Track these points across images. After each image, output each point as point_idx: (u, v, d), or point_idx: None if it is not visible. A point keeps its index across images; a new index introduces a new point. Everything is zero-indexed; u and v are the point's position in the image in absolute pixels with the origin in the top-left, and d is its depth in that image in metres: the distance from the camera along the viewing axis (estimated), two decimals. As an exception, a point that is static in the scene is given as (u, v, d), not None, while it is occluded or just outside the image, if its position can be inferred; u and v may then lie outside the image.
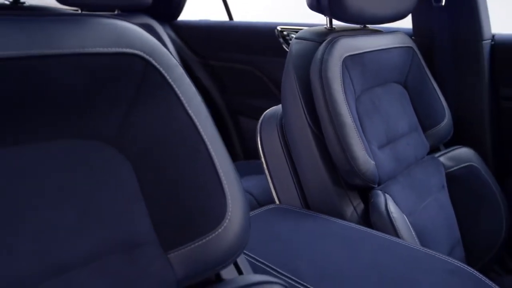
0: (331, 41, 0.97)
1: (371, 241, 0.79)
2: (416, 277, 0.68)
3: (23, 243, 0.45)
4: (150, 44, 0.55)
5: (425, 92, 1.23)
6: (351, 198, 0.96)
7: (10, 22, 0.46)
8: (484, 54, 1.29)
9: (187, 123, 0.57)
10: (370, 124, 1.03)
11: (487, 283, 0.68)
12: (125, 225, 0.52)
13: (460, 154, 1.24)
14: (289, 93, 1.00)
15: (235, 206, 0.57)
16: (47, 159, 0.48)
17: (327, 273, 0.68)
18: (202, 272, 0.56)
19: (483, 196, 1.22)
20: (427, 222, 1.04)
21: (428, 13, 1.33)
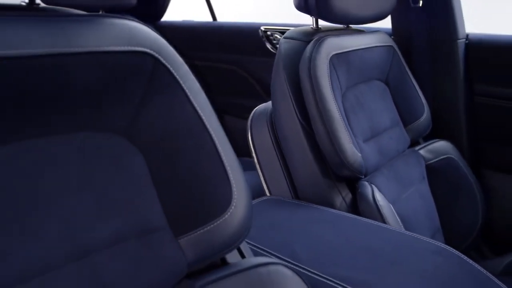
0: (318, 41, 1.02)
1: (361, 226, 0.84)
2: (403, 258, 0.73)
3: (49, 228, 0.48)
4: (159, 43, 0.59)
5: (405, 89, 1.29)
6: (339, 189, 1.02)
7: (33, 22, 0.49)
8: (459, 52, 1.37)
9: (193, 117, 0.60)
10: (356, 119, 1.09)
11: (466, 261, 0.74)
12: (139, 212, 0.56)
13: (439, 147, 1.31)
14: (279, 90, 1.05)
15: (239, 194, 0.61)
16: (67, 150, 0.52)
17: (322, 256, 0.73)
18: (210, 255, 0.60)
19: (460, 187, 1.30)
20: (409, 211, 1.10)
21: (406, 14, 1.40)
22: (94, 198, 0.52)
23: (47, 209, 0.48)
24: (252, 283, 0.60)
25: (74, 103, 0.52)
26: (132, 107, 0.57)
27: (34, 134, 0.50)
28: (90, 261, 0.50)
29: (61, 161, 0.51)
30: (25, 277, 0.45)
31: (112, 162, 0.55)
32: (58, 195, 0.50)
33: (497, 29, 1.41)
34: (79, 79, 0.51)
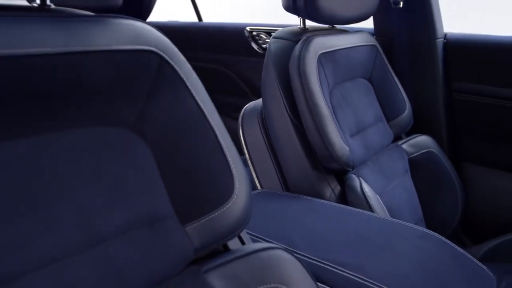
0: (306, 40, 1.07)
1: (351, 215, 0.89)
2: (391, 243, 0.78)
3: (67, 217, 0.51)
4: (164, 42, 0.62)
5: (388, 86, 1.35)
6: (329, 181, 1.07)
7: (47, 23, 0.52)
8: (438, 51, 1.43)
9: (197, 112, 0.64)
10: (342, 115, 1.14)
11: (450, 244, 0.80)
12: (148, 202, 0.59)
13: (420, 141, 1.37)
14: (270, 88, 1.09)
15: (241, 184, 0.65)
16: (80, 144, 0.55)
17: (317, 243, 0.77)
18: (215, 242, 0.64)
19: (441, 179, 1.36)
20: (394, 202, 1.16)
21: (388, 15, 1.46)
22: (106, 188, 0.55)
23: (64, 199, 0.51)
24: (254, 266, 0.64)
25: (86, 99, 0.55)
26: (140, 103, 0.60)
27: (50, 129, 0.52)
28: (104, 248, 0.53)
29: (75, 154, 0.54)
30: (45, 263, 0.48)
31: (122, 155, 0.58)
32: (73, 186, 0.53)
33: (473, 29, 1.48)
34: (91, 76, 0.54)
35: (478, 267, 0.77)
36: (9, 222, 0.46)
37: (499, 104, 1.39)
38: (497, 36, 1.37)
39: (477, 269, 0.76)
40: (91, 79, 0.54)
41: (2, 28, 0.48)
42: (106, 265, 0.53)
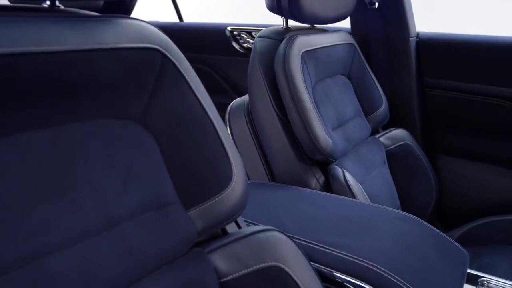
0: (290, 39, 1.13)
1: (336, 202, 0.95)
2: (375, 225, 0.85)
3: (86, 201, 0.55)
4: (165, 41, 0.67)
5: (365, 83, 1.43)
6: (313, 171, 1.13)
7: (63, 22, 0.57)
8: (411, 49, 1.52)
9: (197, 105, 0.69)
10: (324, 110, 1.20)
11: (428, 226, 0.87)
12: (155, 188, 0.64)
13: (396, 134, 1.45)
14: (256, 84, 1.15)
15: (238, 171, 0.70)
16: (93, 134, 0.59)
17: (306, 227, 0.83)
18: (215, 225, 0.69)
19: (416, 170, 1.44)
20: (374, 191, 1.23)
21: (364, 15, 1.54)
22: (118, 176, 0.60)
23: (83, 185, 0.56)
24: (252, 247, 0.69)
25: (99, 94, 0.59)
26: (145, 97, 0.65)
27: (67, 120, 0.57)
28: (119, 230, 0.58)
29: (90, 144, 0.58)
30: (69, 243, 0.52)
31: (130, 146, 0.63)
32: (90, 173, 0.57)
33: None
34: (103, 72, 0.59)
35: (453, 245, 0.84)
36: (37, 205, 0.50)
37: (468, 98, 1.48)
38: (465, 35, 1.47)
39: (452, 246, 0.84)
40: (103, 75, 0.59)
41: (22, 27, 0.52)
42: (121, 246, 0.57)
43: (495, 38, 1.40)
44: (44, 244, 0.50)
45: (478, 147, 1.51)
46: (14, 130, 0.51)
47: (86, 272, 0.53)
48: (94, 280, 0.53)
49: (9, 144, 0.50)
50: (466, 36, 1.45)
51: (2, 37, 0.49)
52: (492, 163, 1.50)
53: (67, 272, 0.51)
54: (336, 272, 0.74)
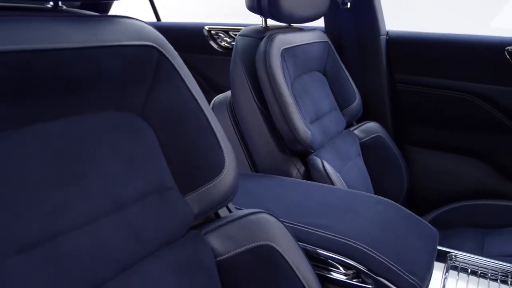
0: (270, 37, 1.19)
1: (317, 188, 1.02)
2: (353, 207, 0.92)
3: (95, 186, 0.60)
4: (161, 39, 0.72)
5: (340, 79, 1.50)
6: (294, 162, 1.20)
7: (69, 21, 0.61)
8: (382, 47, 1.60)
9: (190, 99, 0.74)
10: (302, 104, 1.27)
11: (402, 208, 0.95)
12: (155, 175, 0.69)
13: (369, 127, 1.53)
14: (238, 80, 1.21)
15: (229, 159, 0.76)
16: (98, 125, 0.64)
17: (291, 210, 0.90)
18: (210, 209, 0.74)
19: (388, 160, 1.53)
20: (350, 180, 1.31)
21: (337, 14, 1.62)
22: (123, 163, 0.65)
23: (92, 171, 0.60)
24: (245, 227, 0.75)
25: (103, 88, 0.64)
26: (144, 91, 0.70)
27: (74, 112, 0.61)
28: (125, 213, 0.63)
29: (96, 134, 0.63)
30: (81, 224, 0.57)
31: (132, 136, 0.67)
32: (98, 161, 0.62)
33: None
34: (107, 68, 0.64)
35: (425, 224, 0.92)
36: (52, 190, 0.55)
37: (435, 93, 1.58)
38: (432, 33, 1.56)
39: (424, 226, 0.92)
40: (107, 70, 0.64)
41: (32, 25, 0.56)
42: (127, 227, 0.62)
43: (459, 36, 1.50)
44: (59, 225, 0.55)
45: (445, 138, 1.62)
46: (28, 121, 0.55)
47: (97, 251, 0.57)
48: (104, 258, 0.58)
49: (24, 133, 0.55)
50: (433, 34, 1.55)
51: (14, 35, 0.53)
52: (458, 153, 1.61)
53: (80, 251, 0.56)
54: (320, 250, 0.81)
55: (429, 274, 0.80)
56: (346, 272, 0.80)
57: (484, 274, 0.83)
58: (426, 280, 0.78)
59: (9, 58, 0.51)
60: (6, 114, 0.52)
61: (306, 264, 0.76)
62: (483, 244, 1.27)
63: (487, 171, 1.55)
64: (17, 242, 0.50)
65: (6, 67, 0.51)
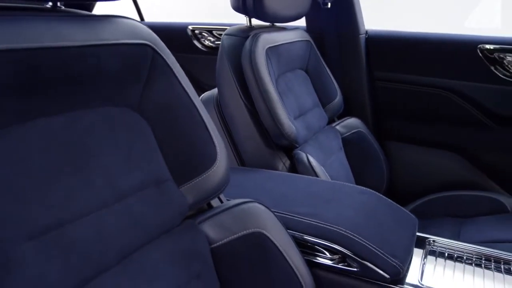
0: (255, 36, 1.24)
1: (303, 181, 1.07)
2: (337, 197, 0.97)
3: (97, 178, 0.63)
4: (154, 38, 0.76)
5: (321, 76, 1.55)
6: (280, 156, 1.24)
7: (70, 21, 0.64)
8: (361, 45, 1.66)
9: (183, 94, 0.78)
10: (287, 100, 1.32)
11: (384, 197, 1.00)
12: (152, 168, 0.72)
13: (350, 123, 1.59)
14: (224, 78, 1.25)
15: (221, 152, 0.80)
16: (98, 120, 0.67)
17: (279, 200, 0.94)
18: (203, 200, 0.78)
19: (369, 154, 1.59)
20: (333, 174, 1.36)
21: (318, 14, 1.67)
22: (122, 156, 0.68)
23: (93, 164, 0.63)
24: (237, 216, 0.79)
25: (103, 84, 0.67)
26: (140, 87, 0.73)
27: (77, 107, 0.64)
28: (126, 203, 0.66)
29: (97, 128, 0.66)
30: (85, 214, 0.60)
31: (130, 130, 0.71)
32: (98, 153, 0.65)
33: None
34: (106, 65, 0.67)
35: (404, 212, 0.98)
36: (58, 181, 0.58)
37: (412, 89, 1.65)
38: (409, 32, 1.63)
39: (404, 214, 0.97)
40: (106, 67, 0.67)
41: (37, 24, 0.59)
42: (127, 216, 0.65)
43: (435, 35, 1.57)
44: (66, 214, 0.58)
45: (422, 133, 1.69)
46: (34, 115, 0.58)
47: (101, 238, 0.61)
48: (107, 245, 0.61)
49: (29, 128, 0.58)
50: (410, 33, 1.62)
51: (20, 34, 0.56)
52: (435, 146, 1.68)
53: (85, 238, 0.59)
54: (308, 236, 0.85)
55: (409, 257, 0.85)
56: (332, 257, 0.85)
57: (460, 257, 0.89)
58: (406, 262, 0.83)
59: (17, 56, 0.54)
60: (13, 109, 0.55)
61: (295, 250, 0.81)
62: (459, 232, 1.34)
63: (462, 163, 1.62)
64: (27, 230, 0.53)
65: (14, 64, 0.54)
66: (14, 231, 0.52)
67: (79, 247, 0.58)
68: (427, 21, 2.22)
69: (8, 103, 0.55)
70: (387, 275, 0.79)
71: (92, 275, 0.59)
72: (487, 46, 1.47)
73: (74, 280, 0.56)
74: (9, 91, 0.54)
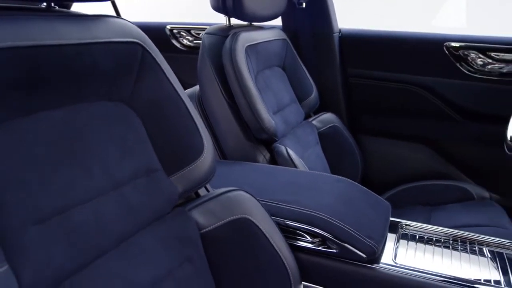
0: (235, 35, 1.29)
1: (283, 171, 1.13)
2: (317, 186, 1.03)
3: (95, 167, 0.67)
4: (143, 36, 0.80)
5: (298, 73, 1.62)
6: (260, 150, 1.30)
7: (65, 20, 0.68)
8: (335, 43, 1.73)
9: (171, 89, 0.82)
10: (265, 97, 1.37)
11: (360, 186, 1.07)
12: (144, 158, 0.76)
13: (326, 118, 1.66)
14: (206, 75, 1.29)
15: (208, 143, 0.85)
16: (95, 113, 0.70)
17: (262, 189, 0.99)
18: (192, 189, 0.83)
19: (344, 148, 1.66)
20: (310, 166, 1.42)
21: (293, 14, 1.73)
22: (117, 147, 0.72)
23: (92, 154, 0.67)
24: (224, 203, 0.84)
25: (97, 79, 0.71)
26: (131, 83, 0.77)
27: (73, 102, 0.68)
28: (121, 190, 0.70)
29: (93, 121, 0.69)
30: (85, 200, 0.64)
31: (123, 123, 0.75)
32: (96, 144, 0.68)
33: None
34: (100, 61, 0.70)
35: (378, 198, 1.04)
36: (59, 171, 0.62)
37: (384, 85, 1.73)
38: (381, 31, 1.71)
39: (378, 200, 1.04)
40: (101, 64, 0.71)
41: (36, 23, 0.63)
42: (123, 203, 0.70)
43: (404, 33, 1.66)
44: (68, 200, 0.62)
45: (394, 126, 1.77)
46: (36, 109, 0.62)
47: (100, 224, 0.65)
48: (105, 230, 0.66)
49: (31, 121, 0.61)
50: (381, 32, 1.70)
51: (23, 32, 0.60)
52: (406, 139, 1.76)
53: (86, 223, 0.63)
54: (290, 221, 0.91)
55: (383, 238, 0.92)
56: (313, 240, 0.91)
57: (430, 239, 0.96)
58: (381, 243, 0.90)
59: (21, 53, 0.58)
60: (18, 103, 0.59)
61: (279, 234, 0.87)
62: (429, 218, 1.42)
63: (431, 154, 1.71)
64: (33, 215, 0.57)
65: (18, 61, 0.58)
66: (22, 217, 0.56)
67: (81, 231, 0.62)
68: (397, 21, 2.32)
69: (13, 98, 0.58)
70: (364, 255, 0.86)
71: (93, 257, 0.63)
72: (453, 43, 1.56)
73: (77, 260, 0.60)
74: (14, 86, 0.58)
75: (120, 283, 0.64)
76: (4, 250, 0.53)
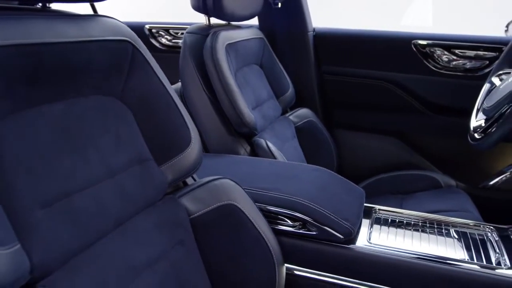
0: (215, 34, 1.35)
1: (264, 163, 1.19)
2: (295, 174, 1.10)
3: (93, 157, 0.72)
4: (133, 35, 0.85)
5: (275, 71, 1.68)
6: (241, 143, 1.36)
7: (63, 19, 0.72)
8: (309, 42, 1.81)
9: (160, 85, 0.88)
10: (245, 93, 1.44)
11: (335, 174, 1.14)
12: (137, 149, 0.81)
13: (302, 113, 1.73)
14: (188, 73, 1.35)
15: (194, 135, 0.90)
16: (91, 107, 0.75)
17: (245, 179, 1.05)
18: (180, 177, 0.88)
19: (319, 141, 1.74)
20: (288, 158, 1.49)
21: (269, 13, 1.80)
22: (112, 138, 0.77)
23: (89, 145, 0.72)
24: (211, 190, 0.90)
25: (93, 75, 0.75)
26: (123, 79, 0.82)
27: (71, 96, 0.73)
28: (117, 178, 0.75)
29: (91, 113, 0.74)
30: (85, 187, 0.69)
31: (116, 116, 0.80)
32: (93, 136, 0.73)
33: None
34: (96, 58, 0.75)
35: (353, 185, 1.12)
36: (61, 159, 0.67)
37: (356, 82, 1.81)
38: (353, 29, 1.79)
39: (353, 186, 1.12)
40: (96, 60, 0.75)
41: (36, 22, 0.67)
42: (119, 190, 0.75)
43: (375, 32, 1.75)
44: (70, 186, 0.67)
45: (367, 120, 1.86)
46: (38, 102, 0.67)
47: (99, 208, 0.70)
48: (103, 215, 0.71)
49: (34, 113, 0.66)
50: (353, 30, 1.78)
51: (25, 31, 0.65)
52: (378, 132, 1.85)
53: (87, 208, 0.68)
54: (272, 207, 0.98)
55: (358, 221, 1.00)
56: (293, 224, 0.97)
57: (401, 222, 1.04)
58: (357, 225, 0.97)
59: (25, 50, 0.63)
60: (23, 96, 0.64)
61: (262, 219, 0.93)
62: (401, 206, 1.51)
63: (402, 146, 1.81)
64: (40, 199, 0.62)
65: (23, 57, 0.63)
66: (29, 200, 0.61)
67: (83, 214, 0.67)
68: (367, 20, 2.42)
69: (19, 92, 0.63)
70: (341, 236, 0.93)
71: (95, 238, 0.68)
72: (420, 41, 1.66)
73: (82, 241, 0.65)
74: (20, 80, 0.63)
75: (120, 262, 0.69)
76: (16, 231, 0.58)
